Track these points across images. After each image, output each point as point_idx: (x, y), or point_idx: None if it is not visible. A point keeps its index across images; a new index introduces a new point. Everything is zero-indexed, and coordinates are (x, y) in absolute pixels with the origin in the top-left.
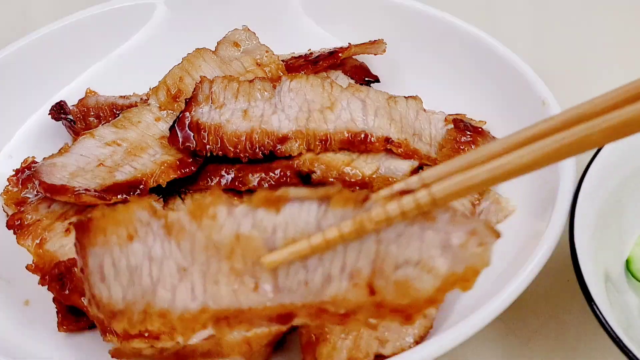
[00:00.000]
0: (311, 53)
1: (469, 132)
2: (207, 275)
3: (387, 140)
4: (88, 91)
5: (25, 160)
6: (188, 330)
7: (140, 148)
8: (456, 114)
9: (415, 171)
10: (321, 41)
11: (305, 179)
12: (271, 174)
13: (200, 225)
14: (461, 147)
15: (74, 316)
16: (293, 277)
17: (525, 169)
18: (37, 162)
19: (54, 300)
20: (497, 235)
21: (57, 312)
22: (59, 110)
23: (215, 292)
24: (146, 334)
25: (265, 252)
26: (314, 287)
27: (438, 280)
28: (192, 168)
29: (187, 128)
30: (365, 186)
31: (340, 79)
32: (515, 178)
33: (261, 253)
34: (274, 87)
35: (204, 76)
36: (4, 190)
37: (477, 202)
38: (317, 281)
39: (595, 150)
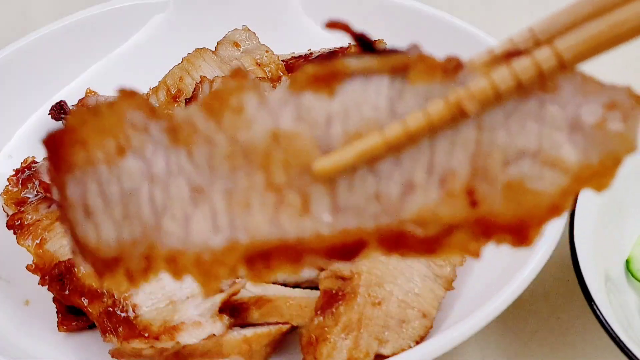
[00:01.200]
0: (311, 53)
1: None
2: (234, 196)
3: None
4: (88, 91)
5: (25, 160)
6: (210, 278)
7: None
8: None
9: None
10: (321, 41)
11: (367, 45)
12: None
13: (221, 122)
14: None
15: (74, 316)
16: (359, 189)
17: None
18: (37, 162)
19: (54, 300)
20: None
21: (57, 312)
22: (59, 110)
23: (246, 219)
24: (146, 335)
25: (316, 155)
26: (390, 201)
27: (566, 177)
28: None
29: None
30: None
31: None
32: None
33: (311, 157)
34: (274, 87)
35: (204, 76)
36: (4, 190)
37: None
38: (393, 192)
39: None
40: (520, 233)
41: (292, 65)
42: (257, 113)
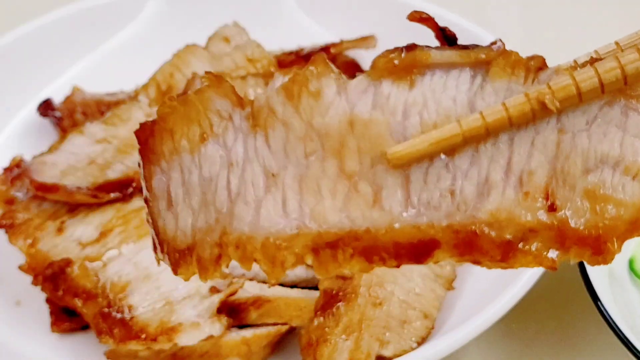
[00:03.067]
0: (302, 49)
1: None
2: (305, 181)
3: None
4: (75, 88)
5: (13, 159)
6: (276, 266)
7: (132, 145)
8: None
9: None
10: (312, 36)
11: (449, 39)
12: None
13: (299, 106)
14: None
15: (68, 316)
16: (433, 184)
17: None
18: (24, 160)
19: (47, 300)
20: None
21: (50, 313)
22: (46, 107)
23: (316, 206)
24: (143, 336)
25: (391, 144)
26: (464, 198)
27: None
28: None
29: None
30: None
31: None
32: None
33: (386, 145)
34: (267, 83)
35: (196, 72)
36: None
37: None
38: (468, 190)
39: None
40: (599, 247)
41: (283, 61)
42: (335, 99)
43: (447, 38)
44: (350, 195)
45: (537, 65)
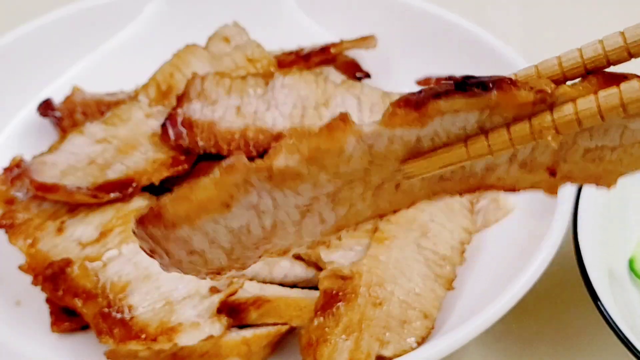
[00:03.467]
0: (302, 49)
1: None
2: (337, 200)
3: None
4: (75, 88)
5: (13, 159)
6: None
7: (131, 145)
8: None
9: None
10: (312, 36)
11: (460, 84)
12: None
13: (323, 165)
14: None
15: (68, 316)
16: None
17: None
18: (24, 160)
19: (47, 300)
20: None
21: (50, 312)
22: (46, 107)
23: (349, 211)
24: (143, 336)
25: (407, 157)
26: (473, 171)
27: None
28: (185, 166)
29: (179, 125)
30: None
31: (333, 75)
32: None
33: (402, 159)
34: (267, 83)
35: (196, 72)
36: None
37: (476, 200)
38: (477, 167)
39: None
40: (598, 183)
41: (283, 61)
42: (355, 149)
43: (457, 83)
44: (377, 194)
45: (543, 98)
